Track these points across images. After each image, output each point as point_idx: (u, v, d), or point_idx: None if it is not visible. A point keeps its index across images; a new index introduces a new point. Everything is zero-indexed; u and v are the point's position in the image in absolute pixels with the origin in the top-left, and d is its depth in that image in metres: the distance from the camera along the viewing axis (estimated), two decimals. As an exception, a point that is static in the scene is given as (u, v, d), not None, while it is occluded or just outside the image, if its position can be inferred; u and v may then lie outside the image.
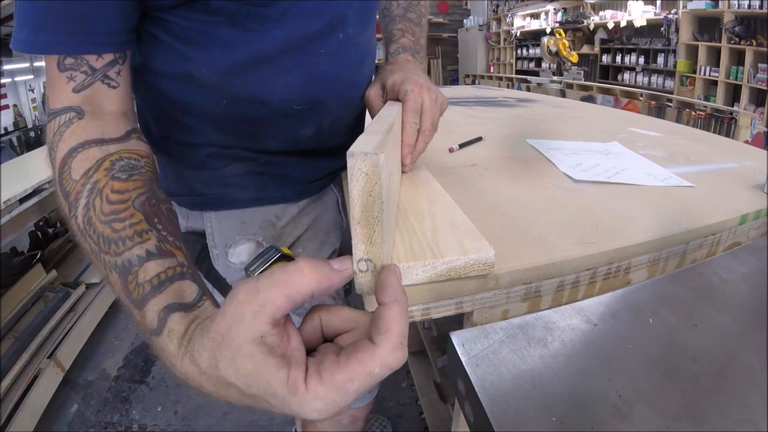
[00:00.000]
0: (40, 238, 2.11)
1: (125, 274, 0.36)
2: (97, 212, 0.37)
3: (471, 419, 0.30)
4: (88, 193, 0.38)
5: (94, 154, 0.40)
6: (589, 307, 0.37)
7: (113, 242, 0.36)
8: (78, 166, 0.39)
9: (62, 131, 0.40)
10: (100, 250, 0.36)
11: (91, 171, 0.39)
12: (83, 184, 0.38)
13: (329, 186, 0.71)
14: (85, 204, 0.37)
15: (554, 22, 6.40)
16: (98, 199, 0.37)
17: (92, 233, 0.36)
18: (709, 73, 4.49)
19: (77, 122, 0.41)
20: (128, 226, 0.36)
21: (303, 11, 0.51)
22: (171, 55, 0.51)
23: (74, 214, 0.38)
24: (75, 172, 0.39)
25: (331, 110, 0.60)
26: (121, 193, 0.38)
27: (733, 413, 0.27)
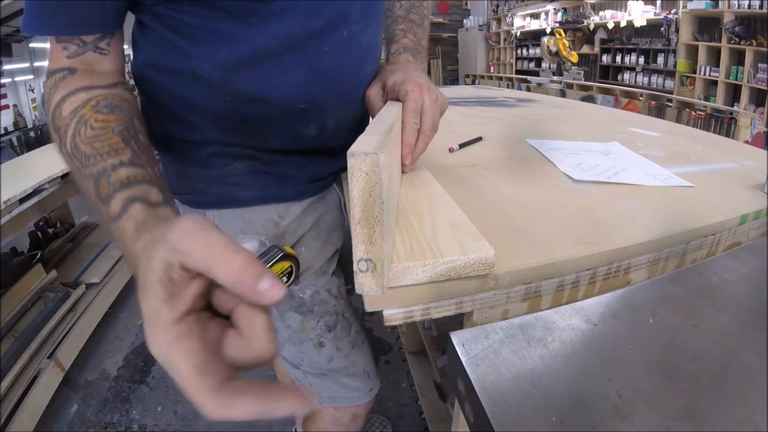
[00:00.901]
0: (40, 238, 2.11)
1: (98, 179, 0.40)
2: (81, 137, 0.43)
3: (471, 419, 0.30)
4: (75, 124, 0.44)
5: (82, 96, 0.46)
6: (589, 307, 0.37)
7: (92, 157, 0.41)
8: (68, 106, 0.45)
9: (57, 85, 0.46)
10: (82, 166, 0.42)
11: (78, 108, 0.45)
12: (71, 118, 0.44)
13: (332, 185, 0.71)
14: (72, 133, 0.43)
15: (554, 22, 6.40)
16: (83, 128, 0.43)
17: (77, 154, 0.42)
18: (709, 73, 4.49)
19: (70, 77, 0.47)
20: (106, 144, 0.42)
21: (304, 7, 0.51)
22: (174, 53, 0.52)
23: (64, 143, 0.44)
24: (65, 111, 0.45)
25: (333, 109, 0.60)
26: (102, 123, 0.44)
27: (733, 413, 0.27)
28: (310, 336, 0.69)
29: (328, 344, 0.70)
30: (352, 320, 0.74)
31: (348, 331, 0.73)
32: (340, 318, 0.71)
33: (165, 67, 0.54)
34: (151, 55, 0.54)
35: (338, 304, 0.71)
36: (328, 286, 0.70)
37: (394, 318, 0.42)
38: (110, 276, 1.98)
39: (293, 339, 0.69)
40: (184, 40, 0.51)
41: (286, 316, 0.67)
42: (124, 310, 2.08)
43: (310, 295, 0.68)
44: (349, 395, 0.76)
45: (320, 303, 0.68)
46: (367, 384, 0.77)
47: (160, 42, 0.52)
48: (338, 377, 0.74)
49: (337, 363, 0.72)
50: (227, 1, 0.48)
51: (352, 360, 0.73)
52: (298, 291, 0.67)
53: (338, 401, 0.76)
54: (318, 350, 0.70)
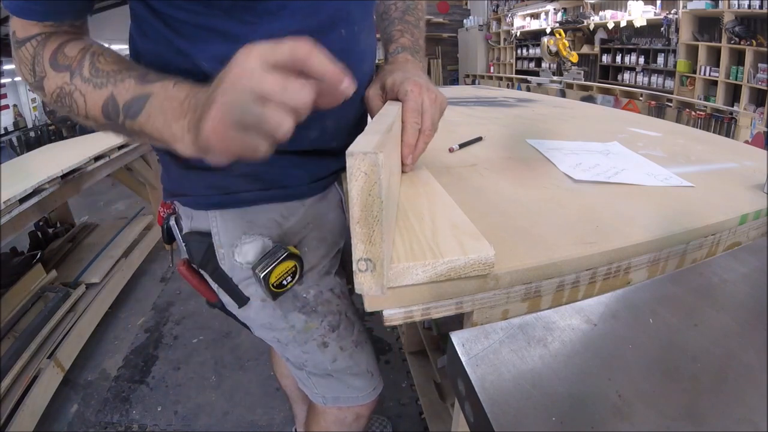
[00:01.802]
0: (40, 238, 2.11)
1: (144, 74, 0.45)
2: (102, 63, 0.46)
3: (471, 419, 0.30)
4: (90, 56, 0.47)
5: (83, 42, 0.49)
6: (589, 307, 0.37)
7: (125, 68, 0.46)
8: (71, 48, 0.47)
9: (44, 42, 0.48)
10: (108, 76, 0.45)
11: (86, 48, 0.48)
12: (83, 54, 0.47)
13: (333, 185, 0.71)
14: (90, 62, 0.46)
15: (554, 22, 6.40)
16: (101, 57, 0.47)
17: (100, 74, 0.46)
18: (709, 73, 4.49)
19: (53, 36, 0.48)
20: (133, 64, 0.47)
21: (302, 6, 0.51)
22: (172, 51, 0.52)
23: (79, 72, 0.46)
24: (70, 52, 0.47)
25: (333, 109, 0.60)
26: (118, 56, 0.48)
27: (733, 413, 0.27)
28: (314, 336, 0.69)
29: (332, 344, 0.70)
30: (355, 320, 0.74)
31: (351, 331, 0.73)
32: (344, 318, 0.71)
33: (164, 65, 0.54)
34: (150, 53, 0.54)
35: (341, 304, 0.71)
36: (332, 285, 0.70)
37: (394, 318, 0.42)
38: (110, 276, 1.98)
39: (297, 339, 0.69)
40: (180, 39, 0.51)
41: (290, 316, 0.67)
42: (124, 310, 2.08)
43: (313, 295, 0.67)
44: (353, 395, 0.76)
45: (324, 303, 0.68)
46: (371, 383, 0.77)
47: (158, 40, 0.52)
48: (342, 377, 0.74)
49: (341, 363, 0.72)
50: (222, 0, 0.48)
51: (356, 359, 0.73)
52: (301, 291, 0.67)
53: (342, 401, 0.76)
54: (322, 350, 0.70)
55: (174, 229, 0.69)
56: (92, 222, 2.47)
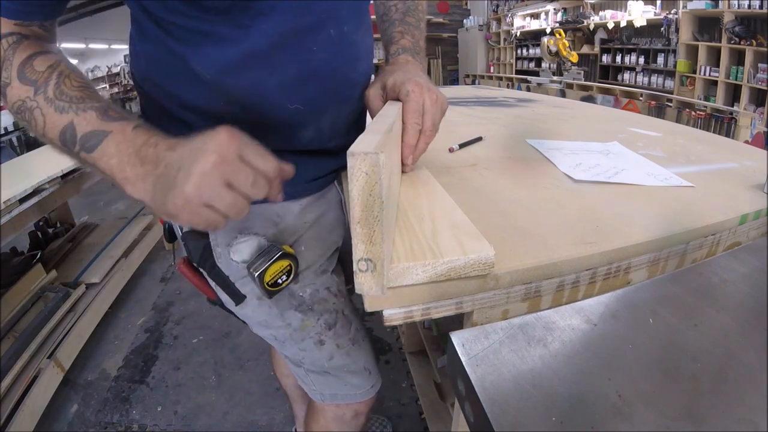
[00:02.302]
0: (40, 238, 2.11)
1: (106, 109, 0.46)
2: (68, 86, 0.47)
3: (471, 419, 0.30)
4: (57, 76, 0.47)
5: (53, 57, 0.49)
6: (589, 307, 0.37)
7: (88, 97, 0.47)
8: (40, 63, 0.48)
9: (15, 47, 0.48)
10: (71, 102, 0.46)
11: (54, 65, 0.48)
12: (50, 72, 0.47)
13: (332, 184, 0.71)
14: (55, 83, 0.47)
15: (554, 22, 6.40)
16: (67, 80, 0.47)
17: (64, 97, 0.46)
18: (709, 73, 4.49)
19: (26, 42, 0.49)
20: (97, 94, 0.48)
21: (292, 5, 0.51)
22: (169, 55, 0.52)
23: (43, 90, 0.47)
24: (39, 66, 0.48)
25: (327, 109, 0.60)
26: (83, 81, 0.48)
27: (733, 413, 0.27)
28: (311, 334, 0.69)
29: (328, 342, 0.70)
30: (352, 318, 0.74)
31: (348, 329, 0.73)
32: (340, 316, 0.71)
33: (161, 68, 0.54)
34: (149, 54, 0.55)
35: (338, 302, 0.71)
36: (328, 284, 0.70)
37: (394, 318, 0.42)
38: (110, 276, 1.98)
39: (294, 337, 0.69)
40: (177, 43, 0.51)
41: (287, 314, 0.67)
42: (124, 310, 2.08)
43: (309, 294, 0.68)
44: (351, 392, 0.76)
45: (320, 301, 0.69)
46: (369, 381, 0.77)
47: (156, 42, 0.53)
48: (340, 374, 0.74)
49: (338, 360, 0.72)
50: (216, 1, 0.48)
51: (353, 357, 0.74)
52: (297, 290, 0.67)
53: (340, 398, 0.76)
54: (319, 348, 0.70)
55: (175, 227, 0.70)
56: (92, 222, 2.47)
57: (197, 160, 0.40)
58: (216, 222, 0.42)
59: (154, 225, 2.53)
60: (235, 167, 0.41)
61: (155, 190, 0.43)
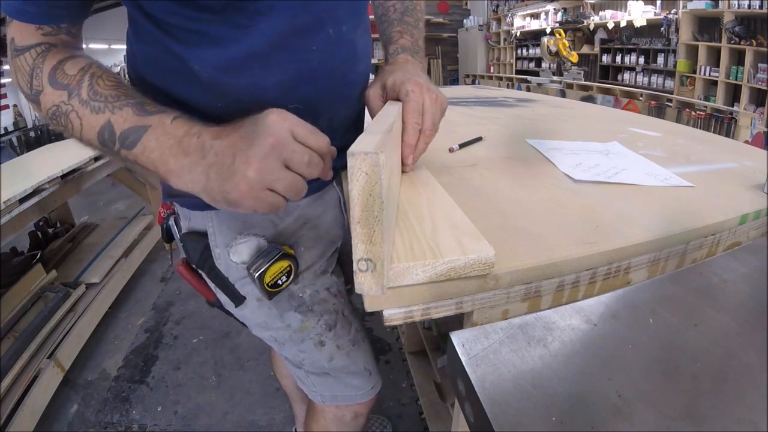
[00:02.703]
0: (40, 238, 2.11)
1: (142, 104, 0.46)
2: (101, 86, 0.46)
3: (471, 419, 0.30)
4: (89, 77, 0.46)
5: (83, 60, 0.48)
6: (589, 307, 0.37)
7: (124, 95, 0.46)
8: (71, 67, 0.47)
9: (44, 55, 0.48)
10: (107, 101, 0.45)
11: (86, 68, 0.47)
12: (82, 74, 0.47)
13: (331, 184, 0.71)
14: (88, 84, 0.46)
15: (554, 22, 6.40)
16: (100, 80, 0.46)
17: (98, 98, 0.45)
18: (709, 73, 4.49)
19: (54, 49, 0.48)
20: (132, 91, 0.47)
21: (290, 5, 0.51)
22: (167, 55, 0.52)
23: (77, 92, 0.46)
24: (70, 70, 0.47)
25: (326, 109, 0.60)
26: (117, 79, 0.48)
27: (733, 413, 0.27)
28: (311, 335, 0.69)
29: (328, 343, 0.70)
30: (352, 318, 0.74)
31: (348, 330, 0.73)
32: (340, 317, 0.71)
33: (159, 68, 0.54)
34: (146, 55, 0.55)
35: (338, 303, 0.71)
36: (328, 285, 0.70)
37: (394, 318, 0.42)
38: (110, 276, 1.98)
39: (294, 339, 0.69)
40: (175, 43, 0.51)
41: (286, 316, 0.67)
42: (124, 310, 2.08)
43: (309, 295, 0.68)
44: (351, 393, 0.76)
45: (320, 302, 0.69)
46: (369, 382, 0.77)
47: (153, 43, 0.53)
48: (340, 376, 0.74)
49: (338, 361, 0.72)
50: (212, 1, 0.48)
51: (353, 358, 0.74)
52: (297, 291, 0.67)
53: (340, 400, 0.76)
54: (319, 349, 0.70)
55: (173, 228, 0.70)
56: (92, 222, 2.47)
57: (254, 144, 0.40)
58: (279, 204, 0.42)
59: (153, 225, 2.53)
60: (291, 147, 0.41)
61: (208, 179, 0.42)
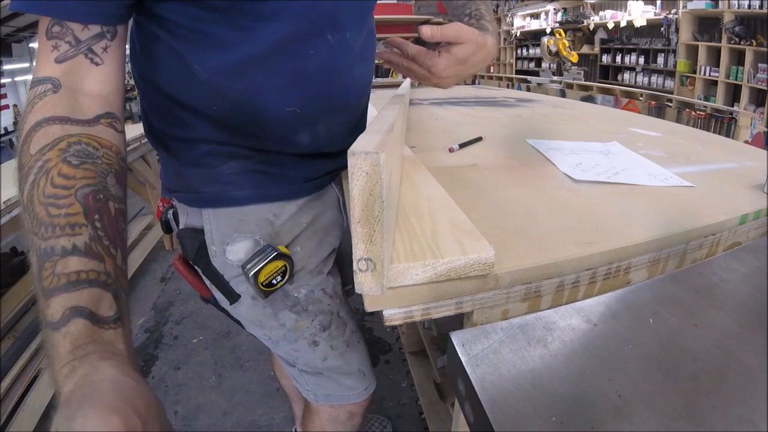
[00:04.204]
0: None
1: (43, 260, 0.35)
2: (39, 192, 0.37)
3: (471, 419, 0.30)
4: (37, 170, 0.38)
5: (54, 131, 0.40)
6: (589, 307, 0.37)
7: (44, 226, 0.36)
8: (37, 141, 0.39)
9: (35, 102, 0.41)
10: (31, 230, 0.36)
11: (45, 149, 0.39)
12: (36, 160, 0.38)
13: (329, 184, 0.71)
14: (32, 181, 0.37)
15: (554, 22, 6.41)
16: (44, 179, 0.37)
17: (30, 211, 0.37)
18: (709, 73, 4.50)
19: (50, 96, 0.41)
20: (63, 214, 0.36)
21: (294, 11, 0.51)
22: (168, 53, 0.52)
23: (22, 188, 0.38)
24: (33, 147, 0.39)
25: (324, 114, 0.60)
26: (66, 179, 0.38)
27: (733, 413, 0.27)
28: (305, 335, 0.69)
29: (322, 343, 0.70)
30: (348, 319, 0.74)
31: (343, 331, 0.73)
32: (335, 317, 0.71)
33: (160, 67, 0.54)
34: (148, 54, 0.55)
35: (333, 304, 0.71)
36: (323, 285, 0.70)
37: (394, 318, 0.42)
38: (110, 276, 1.98)
39: (288, 338, 0.69)
40: (176, 41, 0.51)
41: (281, 315, 0.67)
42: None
43: (304, 295, 0.68)
44: (344, 393, 0.76)
45: (315, 302, 0.69)
46: (363, 383, 0.77)
47: (156, 42, 0.53)
48: (333, 375, 0.74)
49: (332, 362, 0.72)
50: (218, 1, 0.47)
51: (347, 359, 0.74)
52: (292, 290, 0.67)
53: (334, 399, 0.77)
54: (312, 349, 0.70)
55: (171, 222, 0.70)
56: (92, 222, 2.46)
57: None
58: None
59: (153, 225, 2.52)
60: None
61: None
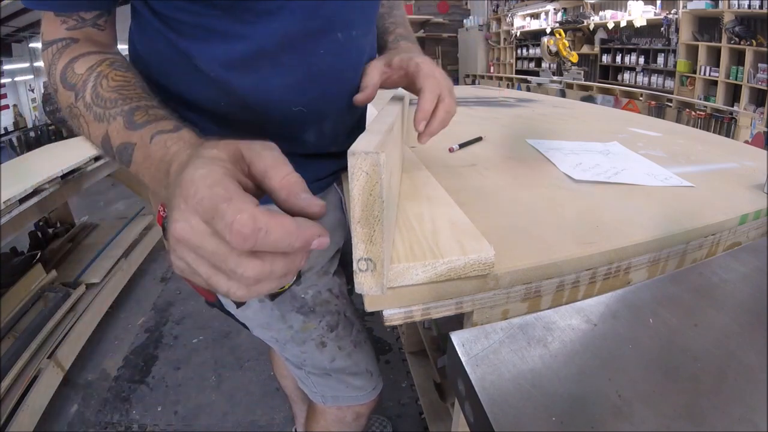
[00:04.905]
0: (40, 238, 2.11)
1: (133, 112, 0.42)
2: (104, 87, 0.44)
3: (471, 419, 0.30)
4: (95, 78, 0.44)
5: (95, 57, 0.46)
6: (589, 307, 0.37)
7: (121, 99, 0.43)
8: (81, 65, 0.45)
9: (62, 51, 0.47)
10: (106, 107, 0.43)
11: (94, 66, 0.45)
12: (89, 74, 0.45)
13: (332, 185, 0.71)
14: (92, 85, 0.44)
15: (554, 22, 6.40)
16: (104, 80, 0.44)
17: (99, 102, 0.43)
18: (709, 73, 4.49)
19: (74, 45, 0.47)
20: (133, 93, 0.44)
21: (301, 7, 0.51)
22: (172, 51, 0.52)
23: (82, 95, 0.44)
24: (79, 69, 0.45)
25: (330, 113, 0.60)
26: (123, 77, 0.45)
27: (733, 413, 0.27)
28: (312, 336, 0.69)
29: (330, 344, 0.70)
30: (354, 319, 0.74)
31: (350, 331, 0.73)
32: (342, 317, 0.71)
33: (164, 65, 0.54)
34: (151, 53, 0.54)
35: (340, 304, 0.71)
36: (330, 285, 0.70)
37: (394, 318, 0.42)
38: (110, 276, 1.98)
39: (295, 339, 0.69)
40: (181, 39, 0.51)
41: (288, 316, 0.67)
42: (124, 310, 2.08)
43: (311, 296, 0.68)
44: (352, 394, 0.76)
45: (322, 303, 0.69)
46: (371, 383, 0.77)
47: (158, 40, 0.52)
48: (341, 377, 0.74)
49: (340, 362, 0.72)
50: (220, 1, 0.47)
51: (355, 359, 0.74)
52: (299, 291, 0.67)
53: (342, 401, 0.76)
54: (320, 350, 0.70)
55: None
56: (92, 222, 2.47)
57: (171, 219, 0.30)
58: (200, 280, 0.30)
59: (153, 225, 2.52)
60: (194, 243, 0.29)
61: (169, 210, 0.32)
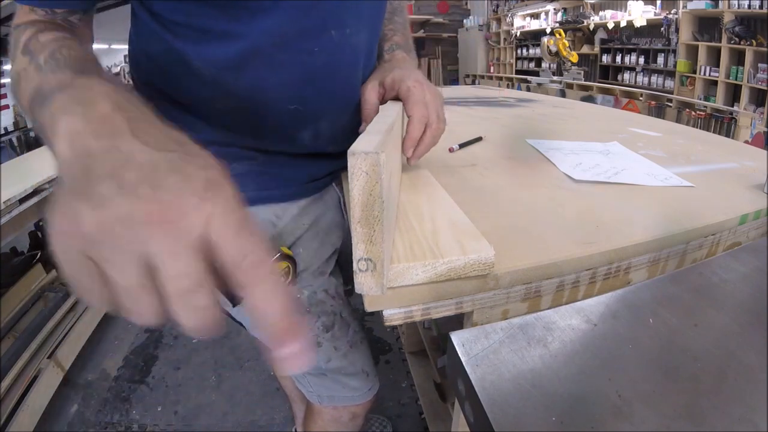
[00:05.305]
0: (40, 238, 2.11)
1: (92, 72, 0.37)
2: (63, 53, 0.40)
3: (471, 419, 0.30)
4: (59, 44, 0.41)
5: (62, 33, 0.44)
6: (589, 307, 0.37)
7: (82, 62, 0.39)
8: (46, 35, 0.42)
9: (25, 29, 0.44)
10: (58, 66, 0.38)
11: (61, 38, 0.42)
12: (53, 43, 0.41)
13: (331, 185, 0.71)
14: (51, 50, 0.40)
15: (554, 22, 6.40)
16: (66, 49, 0.40)
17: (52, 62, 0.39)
18: (709, 73, 4.49)
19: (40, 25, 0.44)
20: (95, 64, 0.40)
21: (295, 5, 0.51)
22: (169, 52, 0.52)
23: (36, 59, 0.40)
24: (44, 38, 0.42)
25: (326, 112, 0.60)
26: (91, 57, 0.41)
27: (733, 413, 0.27)
28: None
29: (325, 344, 0.70)
30: (350, 320, 0.74)
31: (346, 331, 0.73)
32: (338, 318, 0.71)
33: (161, 66, 0.54)
34: (148, 54, 0.55)
35: (336, 305, 0.71)
36: (326, 286, 0.70)
37: (394, 318, 0.42)
38: (110, 276, 1.98)
39: None
40: (177, 40, 0.51)
41: None
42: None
43: (307, 296, 0.68)
44: (348, 395, 0.76)
45: (318, 303, 0.69)
46: (367, 383, 0.77)
47: (155, 41, 0.53)
48: (337, 377, 0.74)
49: (336, 363, 0.72)
50: None
51: (351, 360, 0.74)
52: (295, 291, 0.67)
53: (337, 401, 0.76)
54: (316, 350, 0.70)
55: None
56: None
57: None
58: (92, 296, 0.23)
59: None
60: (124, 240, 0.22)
61: None
